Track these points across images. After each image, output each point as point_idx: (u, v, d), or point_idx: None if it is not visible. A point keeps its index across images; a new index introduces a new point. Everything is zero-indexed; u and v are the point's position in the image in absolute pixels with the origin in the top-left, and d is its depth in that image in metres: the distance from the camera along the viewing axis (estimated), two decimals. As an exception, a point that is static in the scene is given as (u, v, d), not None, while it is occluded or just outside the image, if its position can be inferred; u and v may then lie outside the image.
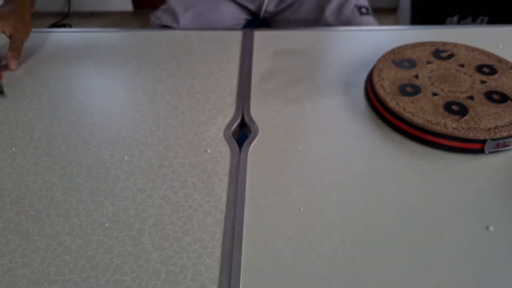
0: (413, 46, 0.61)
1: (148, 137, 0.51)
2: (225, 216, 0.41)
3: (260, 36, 0.71)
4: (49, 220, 0.41)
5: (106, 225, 0.41)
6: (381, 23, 0.84)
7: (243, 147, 0.49)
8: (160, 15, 0.86)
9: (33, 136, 0.52)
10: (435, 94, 0.52)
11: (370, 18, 0.82)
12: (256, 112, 0.54)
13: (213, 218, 0.41)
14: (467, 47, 0.61)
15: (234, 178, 0.45)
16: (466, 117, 0.48)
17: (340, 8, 0.82)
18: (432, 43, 0.62)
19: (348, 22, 0.81)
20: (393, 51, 0.60)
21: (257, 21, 0.94)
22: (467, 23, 1.84)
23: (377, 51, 0.64)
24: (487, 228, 0.39)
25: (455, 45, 0.61)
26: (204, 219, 0.41)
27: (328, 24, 0.81)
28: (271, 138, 0.50)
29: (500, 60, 0.58)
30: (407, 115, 0.49)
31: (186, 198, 0.43)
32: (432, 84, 0.54)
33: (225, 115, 0.54)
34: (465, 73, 0.56)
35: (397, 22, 2.23)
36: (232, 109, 0.55)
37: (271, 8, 0.89)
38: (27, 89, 0.61)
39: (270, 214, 0.41)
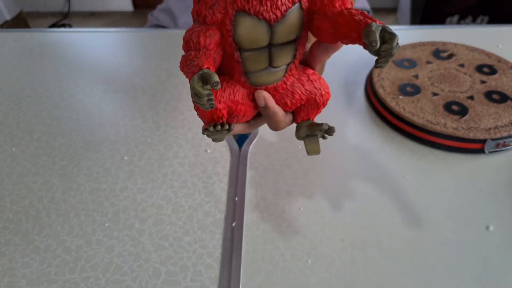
0: (413, 46, 0.61)
1: (148, 137, 0.51)
2: (225, 216, 0.41)
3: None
4: (49, 220, 0.41)
5: (106, 225, 0.41)
6: (381, 23, 0.84)
7: (243, 147, 0.49)
8: (158, 15, 0.85)
9: (33, 136, 0.52)
10: (435, 94, 0.52)
11: None
12: (256, 112, 0.54)
13: (213, 218, 0.41)
14: (467, 47, 0.61)
15: (234, 178, 0.45)
16: (466, 117, 0.48)
17: None
18: (432, 43, 0.62)
19: None
20: (393, 51, 0.60)
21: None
22: (467, 23, 1.84)
23: (377, 51, 0.64)
24: (487, 228, 0.39)
25: (455, 45, 0.61)
26: (204, 219, 0.41)
27: None
28: (271, 138, 0.50)
29: (500, 60, 0.58)
30: (407, 115, 0.49)
31: (186, 198, 0.43)
32: (432, 84, 0.54)
33: (225, 115, 0.54)
34: (465, 73, 0.56)
35: (397, 22, 2.23)
36: (232, 109, 0.55)
37: None
38: (27, 89, 0.61)
39: (270, 214, 0.41)
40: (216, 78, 0.23)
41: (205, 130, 0.28)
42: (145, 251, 0.38)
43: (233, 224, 0.40)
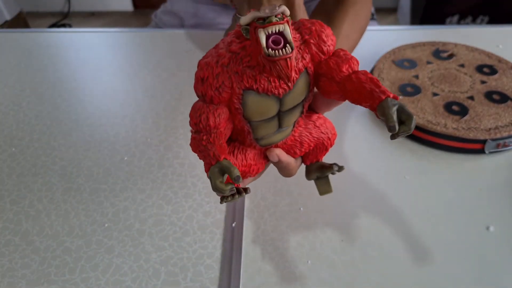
0: (413, 46, 0.61)
1: (148, 137, 0.51)
2: (225, 216, 0.41)
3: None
4: (49, 220, 0.41)
5: (106, 225, 0.41)
6: (381, 23, 0.84)
7: (243, 147, 0.49)
8: (162, 16, 0.84)
9: (33, 136, 0.52)
10: (435, 94, 0.52)
11: (372, 22, 0.82)
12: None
13: (213, 218, 0.41)
14: (467, 47, 0.61)
15: (234, 178, 0.45)
16: (466, 117, 0.48)
17: None
18: (432, 43, 0.62)
19: None
20: (393, 51, 0.60)
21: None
22: (467, 23, 1.84)
23: (377, 51, 0.64)
24: (487, 228, 0.39)
25: (455, 45, 0.61)
26: (204, 219, 0.41)
27: None
28: (271, 138, 0.50)
29: (500, 60, 0.58)
30: (407, 115, 0.48)
31: (186, 198, 0.43)
32: (432, 84, 0.54)
33: (225, 115, 0.54)
34: (465, 73, 0.56)
35: (397, 22, 2.23)
36: (232, 109, 0.55)
37: None
38: (27, 89, 0.61)
39: (270, 214, 0.41)
40: (236, 172, 0.23)
41: (223, 199, 0.27)
42: (145, 251, 0.38)
43: (233, 225, 0.40)
